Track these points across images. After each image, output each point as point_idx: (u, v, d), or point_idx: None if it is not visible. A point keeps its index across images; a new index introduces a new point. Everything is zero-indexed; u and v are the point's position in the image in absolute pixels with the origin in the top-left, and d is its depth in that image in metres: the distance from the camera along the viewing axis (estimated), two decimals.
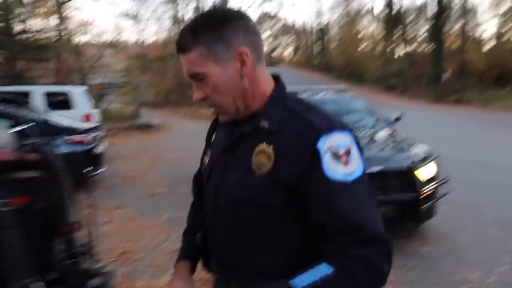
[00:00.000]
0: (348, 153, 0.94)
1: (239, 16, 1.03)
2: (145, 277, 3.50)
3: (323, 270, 0.90)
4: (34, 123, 1.39)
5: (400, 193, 3.89)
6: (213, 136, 1.23)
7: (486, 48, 28.32)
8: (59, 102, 8.87)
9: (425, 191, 3.90)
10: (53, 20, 20.44)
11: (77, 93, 9.57)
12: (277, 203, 0.97)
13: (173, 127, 16.46)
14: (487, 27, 40.94)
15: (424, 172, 4.03)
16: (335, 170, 0.92)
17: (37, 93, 9.10)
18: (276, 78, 1.11)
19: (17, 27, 17.32)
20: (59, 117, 6.32)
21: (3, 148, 1.26)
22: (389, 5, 29.37)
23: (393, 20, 28.98)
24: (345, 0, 35.67)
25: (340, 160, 0.93)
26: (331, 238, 0.92)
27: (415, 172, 3.89)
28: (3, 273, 1.13)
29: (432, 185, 4.08)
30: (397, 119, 5.57)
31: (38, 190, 1.30)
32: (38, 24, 18.68)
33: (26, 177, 1.26)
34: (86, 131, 6.35)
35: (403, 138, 4.85)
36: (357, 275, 0.88)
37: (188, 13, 32.11)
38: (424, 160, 4.18)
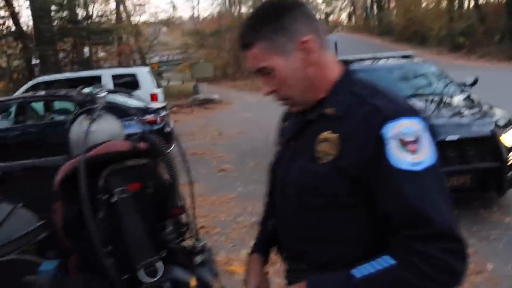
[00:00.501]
0: (417, 140, 0.89)
1: (297, 4, 1.00)
2: (224, 251, 3.60)
3: (385, 261, 0.87)
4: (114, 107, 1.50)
5: (483, 161, 3.70)
6: (284, 126, 1.24)
7: None
8: (128, 83, 9.29)
9: (510, 158, 3.68)
10: (112, 4, 21.19)
11: (143, 73, 9.97)
12: (342, 192, 0.94)
13: (233, 101, 16.66)
14: None
15: (508, 138, 3.79)
16: (402, 158, 0.87)
17: (107, 76, 9.59)
18: (344, 63, 1.08)
19: (81, 13, 18.21)
20: (125, 99, 6.57)
21: (117, 139, 1.36)
22: None
23: None
24: None
25: (408, 147, 0.88)
26: (398, 231, 0.88)
27: (500, 138, 3.67)
28: (130, 255, 1.24)
29: None
30: (473, 84, 5.23)
31: (148, 176, 1.39)
32: (99, 9, 19.50)
33: (138, 164, 1.36)
34: (157, 110, 6.64)
35: (480, 102, 4.56)
36: (420, 271, 0.84)
37: None
38: (508, 125, 3.92)
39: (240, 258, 3.41)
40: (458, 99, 4.72)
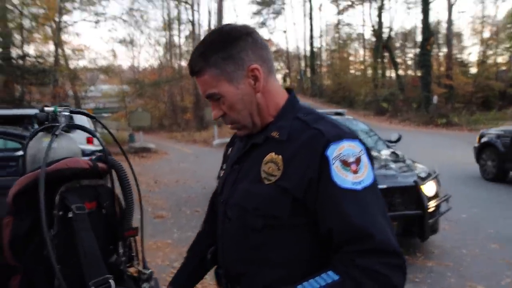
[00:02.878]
0: (357, 161, 0.93)
1: (246, 33, 1.03)
2: None
3: (329, 277, 0.88)
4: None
5: (407, 209, 4.03)
6: (229, 151, 1.26)
7: (472, 71, 29.20)
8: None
9: (430, 207, 4.05)
10: (51, 46, 20.71)
11: (80, 116, 9.61)
12: (285, 214, 0.95)
13: (169, 151, 16.52)
14: (473, 51, 42.34)
15: (428, 189, 4.19)
16: (344, 178, 0.91)
17: None
18: (289, 91, 1.12)
19: (16, 52, 17.52)
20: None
21: (76, 156, 1.39)
22: (378, 29, 30.18)
23: (383, 44, 29.73)
24: (336, 26, 36.53)
25: (350, 168, 0.92)
26: (340, 247, 0.90)
27: (421, 188, 4.05)
28: (83, 271, 1.23)
29: (436, 201, 4.24)
30: (397, 140, 5.76)
31: (105, 196, 1.41)
32: (36, 49, 18.94)
33: (96, 184, 1.38)
34: (93, 152, 6.43)
35: (404, 157, 5.03)
36: (362, 286, 0.85)
37: (182, 39, 32.66)
38: (427, 177, 4.35)
39: None
40: (385, 154, 5.15)
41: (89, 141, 8.79)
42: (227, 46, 1.00)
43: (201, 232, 1.39)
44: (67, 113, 1.40)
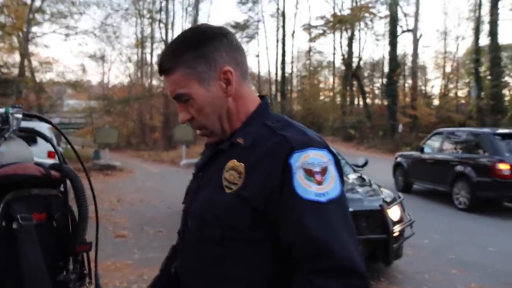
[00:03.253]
0: (323, 171, 0.86)
1: (222, 34, 0.98)
2: None
3: None
4: None
5: (372, 233, 4.04)
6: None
7: (435, 103, 30.49)
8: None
9: (395, 231, 4.07)
10: (17, 56, 20.12)
11: (43, 129, 9.26)
12: (244, 225, 0.89)
13: (135, 170, 16.14)
14: (435, 84, 44.44)
15: (393, 214, 4.23)
16: (307, 188, 0.84)
17: None
18: (261, 97, 1.07)
19: None
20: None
21: (27, 162, 1.29)
22: (348, 58, 31.14)
23: (352, 73, 30.64)
24: (307, 52, 37.42)
25: (314, 178, 0.85)
26: (300, 264, 0.83)
27: (387, 213, 4.07)
28: (24, 286, 1.13)
29: (400, 226, 4.27)
30: (364, 165, 5.84)
31: (56, 207, 1.32)
32: (0, 59, 18.33)
33: (47, 193, 1.29)
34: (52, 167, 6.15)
35: (370, 181, 5.08)
36: None
37: (154, 58, 32.52)
38: (392, 202, 4.40)
39: None
40: (351, 177, 5.20)
41: (50, 155, 8.45)
42: (200, 45, 0.95)
43: (175, 245, 1.28)
44: (19, 115, 1.30)
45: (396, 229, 4.15)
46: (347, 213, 0.89)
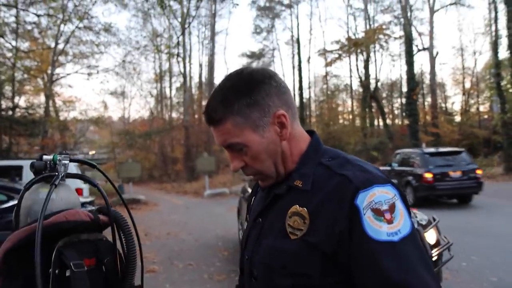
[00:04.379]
0: (392, 209, 0.83)
1: (269, 76, 0.96)
2: None
3: None
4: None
5: None
6: (253, 201, 1.17)
7: (457, 119, 30.02)
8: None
9: (433, 255, 3.92)
10: (42, 97, 20.89)
11: (71, 167, 9.46)
12: (315, 272, 0.85)
13: (159, 203, 16.24)
14: (456, 100, 43.86)
15: (430, 237, 4.08)
16: (378, 229, 0.81)
17: (29, 166, 8.97)
18: (310, 133, 1.05)
19: (6, 103, 17.57)
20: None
21: (75, 207, 1.30)
22: (365, 80, 31.11)
23: (370, 94, 30.53)
24: (324, 77, 37.59)
25: (384, 217, 0.82)
26: None
27: (424, 237, 3.94)
28: None
29: (438, 249, 4.11)
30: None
31: (105, 252, 1.31)
32: (27, 101, 19.06)
33: (95, 238, 1.29)
34: (83, 204, 6.24)
35: None
36: None
37: (173, 91, 33.22)
38: (428, 225, 4.25)
39: None
40: None
41: (78, 192, 8.60)
42: (250, 92, 0.92)
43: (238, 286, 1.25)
44: (66, 162, 1.32)
45: (435, 253, 3.99)
46: (422, 248, 0.85)
